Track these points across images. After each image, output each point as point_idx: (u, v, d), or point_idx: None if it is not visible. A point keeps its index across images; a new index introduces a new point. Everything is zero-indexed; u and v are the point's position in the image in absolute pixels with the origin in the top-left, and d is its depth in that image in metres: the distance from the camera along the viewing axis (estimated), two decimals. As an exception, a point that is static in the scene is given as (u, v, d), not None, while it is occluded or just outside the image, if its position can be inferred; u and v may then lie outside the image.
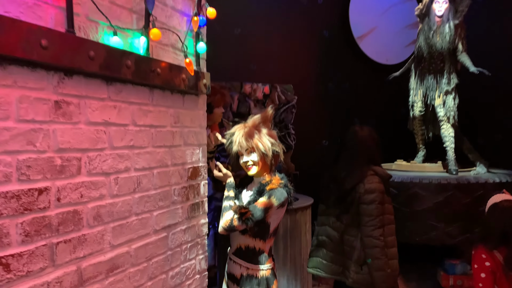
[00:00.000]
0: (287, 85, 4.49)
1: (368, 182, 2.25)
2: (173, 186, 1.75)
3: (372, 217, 2.20)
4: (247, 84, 4.27)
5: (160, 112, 1.66)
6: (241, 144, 2.02)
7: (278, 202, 1.95)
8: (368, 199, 2.22)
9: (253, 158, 2.03)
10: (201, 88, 1.84)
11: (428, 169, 4.03)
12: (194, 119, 1.90)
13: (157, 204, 1.64)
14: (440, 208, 3.59)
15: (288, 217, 3.07)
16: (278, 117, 4.47)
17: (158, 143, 1.65)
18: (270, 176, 2.07)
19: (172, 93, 1.74)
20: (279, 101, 4.48)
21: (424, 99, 4.13)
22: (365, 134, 2.41)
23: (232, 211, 1.95)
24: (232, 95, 4.22)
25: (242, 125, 2.09)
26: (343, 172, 2.34)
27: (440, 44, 3.89)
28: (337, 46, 4.87)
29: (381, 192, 2.25)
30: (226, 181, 2.14)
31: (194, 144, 1.89)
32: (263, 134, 2.05)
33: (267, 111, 2.14)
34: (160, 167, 1.66)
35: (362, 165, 2.32)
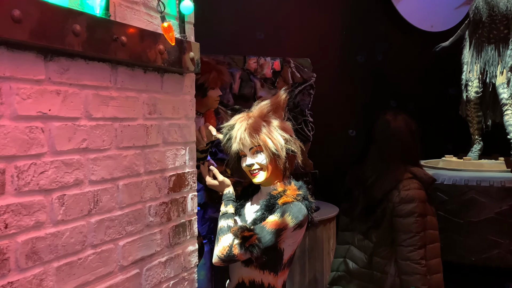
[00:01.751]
0: (303, 59, 4.25)
1: (405, 188, 2.13)
2: (148, 203, 1.52)
3: (411, 234, 2.08)
4: (251, 58, 4.03)
5: (127, 98, 1.41)
6: (244, 142, 1.79)
7: (294, 222, 1.73)
8: (405, 211, 2.09)
9: (260, 160, 1.81)
10: (187, 64, 1.60)
11: (487, 167, 3.78)
12: (178, 108, 1.66)
13: (124, 230, 1.41)
14: (504, 219, 3.37)
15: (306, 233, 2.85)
16: (292, 100, 4.22)
17: (125, 143, 1.41)
18: (284, 185, 1.84)
19: (145, 72, 1.50)
20: (293, 80, 4.24)
21: (481, 77, 3.87)
22: (400, 124, 2.26)
23: (232, 234, 1.73)
24: (232, 72, 3.98)
25: (245, 115, 1.86)
26: (372, 175, 2.23)
27: (505, 4, 3.61)
28: (368, 9, 4.60)
29: (422, 201, 2.12)
30: (223, 191, 1.91)
31: (178, 142, 1.66)
32: (273, 127, 1.82)
33: (279, 95, 1.90)
34: (129, 176, 1.42)
35: (396, 165, 2.20)
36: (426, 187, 2.21)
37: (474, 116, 4.01)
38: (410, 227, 2.10)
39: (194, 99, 1.75)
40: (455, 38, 4.03)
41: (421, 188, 2.18)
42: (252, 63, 4.06)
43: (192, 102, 1.73)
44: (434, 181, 2.27)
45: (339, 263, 2.40)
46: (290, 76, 4.24)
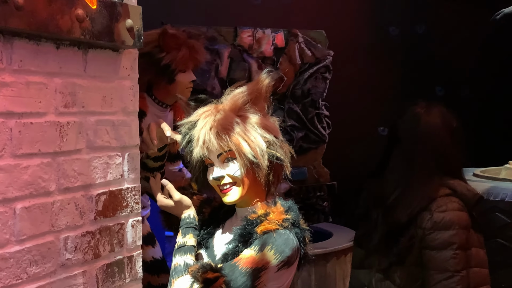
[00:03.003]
0: (316, 32, 4.10)
1: (440, 208, 1.99)
2: (64, 233, 1.39)
3: (448, 274, 1.94)
4: (245, 30, 3.89)
5: (28, 86, 1.29)
6: (209, 145, 1.66)
7: (279, 259, 1.60)
8: (440, 240, 1.96)
9: (232, 172, 1.68)
10: (122, 36, 1.47)
11: None
12: (112, 98, 1.53)
13: (24, 273, 1.29)
14: None
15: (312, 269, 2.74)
16: (300, 87, 4.07)
17: (25, 149, 1.29)
18: (266, 205, 1.71)
19: (58, 47, 1.37)
20: (302, 60, 4.09)
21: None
22: (434, 120, 2.12)
23: (190, 276, 1.61)
24: (218, 49, 3.84)
25: (213, 108, 1.72)
26: (395, 191, 2.08)
27: None
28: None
29: (464, 228, 1.98)
30: (181, 215, 1.79)
31: (112, 147, 1.53)
32: (251, 125, 1.69)
33: (260, 79, 1.77)
34: (32, 196, 1.30)
35: (428, 177, 2.05)
36: (470, 207, 2.04)
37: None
38: (447, 264, 1.95)
39: (136, 85, 1.62)
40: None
41: (463, 210, 2.00)
42: (246, 37, 3.91)
43: (133, 89, 1.60)
44: (481, 199, 2.07)
45: None
46: (297, 55, 4.09)
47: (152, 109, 2.50)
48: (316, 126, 4.14)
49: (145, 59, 2.61)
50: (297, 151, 4.18)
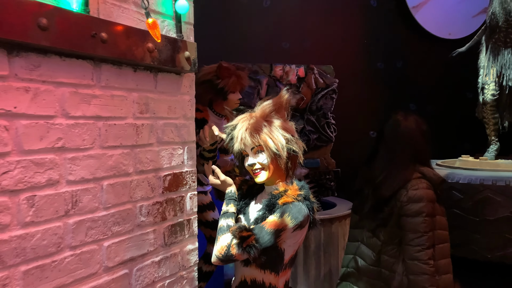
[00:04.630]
0: (326, 66, 3.91)
1: (413, 187, 1.85)
2: (139, 203, 1.28)
3: (418, 234, 1.80)
4: (277, 66, 3.74)
5: (113, 97, 1.18)
6: (245, 141, 1.53)
7: (294, 223, 1.45)
8: (413, 210, 1.82)
9: (262, 160, 1.54)
10: (182, 63, 1.35)
11: (503, 167, 3.33)
12: (175, 107, 1.42)
13: (109, 231, 1.18)
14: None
15: (321, 229, 2.55)
16: (315, 104, 3.91)
17: (110, 143, 1.18)
18: (286, 185, 1.55)
19: (135, 70, 1.26)
20: (316, 86, 3.91)
21: (498, 80, 3.40)
22: (410, 125, 1.95)
23: (230, 234, 1.46)
24: (259, 79, 3.71)
25: (248, 115, 1.58)
26: (381, 174, 1.94)
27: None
28: (388, 18, 4.20)
29: (431, 201, 1.84)
30: (225, 190, 1.65)
31: (175, 142, 1.42)
32: (275, 127, 1.55)
33: (281, 95, 1.61)
34: (115, 176, 1.19)
35: (405, 165, 1.91)
36: (435, 187, 1.88)
37: (490, 118, 3.55)
38: (418, 227, 1.79)
39: (193, 99, 1.50)
40: (471, 44, 3.58)
41: (429, 188, 1.85)
42: (278, 70, 3.77)
43: (191, 102, 1.48)
44: (443, 181, 1.92)
45: (349, 260, 2.10)
46: (313, 82, 3.91)
47: (212, 118, 2.38)
48: (326, 131, 3.95)
49: (207, 84, 2.50)
50: (313, 148, 3.96)
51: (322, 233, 2.56)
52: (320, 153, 3.94)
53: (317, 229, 2.59)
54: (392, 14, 4.21)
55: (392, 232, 1.89)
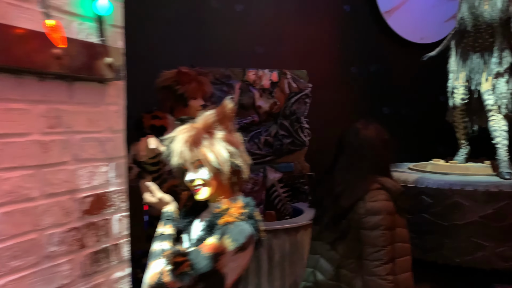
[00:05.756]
0: (300, 71, 3.73)
1: (372, 199, 1.70)
2: (48, 231, 1.07)
3: (376, 248, 1.66)
4: (250, 70, 3.55)
5: (9, 111, 0.95)
6: (184, 155, 1.31)
7: (235, 245, 1.25)
8: (371, 223, 1.67)
9: (202, 176, 1.32)
10: (103, 70, 1.13)
11: (473, 171, 3.16)
12: (98, 120, 1.20)
13: (5, 267, 0.95)
14: (488, 222, 2.78)
15: (286, 238, 2.34)
16: (288, 108, 3.72)
17: (5, 164, 0.95)
18: (229, 202, 1.34)
19: (41, 80, 1.03)
20: (290, 90, 3.73)
21: (467, 84, 3.23)
22: (370, 133, 1.81)
23: (164, 259, 1.24)
24: (232, 83, 3.50)
25: (189, 126, 1.36)
26: (340, 184, 1.80)
27: (489, 14, 2.99)
28: (361, 23, 4.03)
29: (390, 213, 1.70)
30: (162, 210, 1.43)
31: (98, 158, 1.20)
32: (217, 139, 1.33)
33: (224, 104, 1.39)
34: (12, 203, 0.97)
35: (364, 175, 1.77)
36: (395, 198, 1.74)
37: (460, 122, 3.38)
38: (376, 241, 1.65)
39: (123, 109, 1.28)
40: (442, 48, 3.41)
41: (389, 200, 1.71)
42: (251, 75, 3.58)
43: (119, 113, 1.26)
44: (403, 192, 1.79)
45: (309, 274, 1.94)
46: (287, 86, 3.73)
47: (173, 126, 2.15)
48: (299, 135, 3.77)
49: (167, 90, 2.28)
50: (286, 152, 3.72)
51: (287, 242, 2.35)
52: (294, 157, 3.75)
53: (283, 238, 2.38)
54: (365, 19, 4.04)
55: (351, 245, 1.76)
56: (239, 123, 3.53)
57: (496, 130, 3.04)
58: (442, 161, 3.48)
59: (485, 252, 2.76)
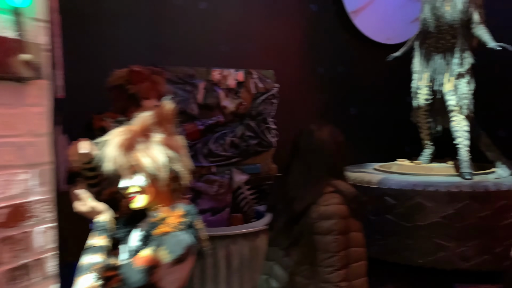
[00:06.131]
0: (266, 71, 3.67)
1: (324, 203, 1.65)
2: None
3: (329, 254, 1.60)
4: (215, 70, 3.46)
5: None
6: (117, 161, 1.20)
7: (171, 257, 1.16)
8: (324, 228, 1.61)
9: (138, 182, 1.22)
10: (18, 68, 1.03)
11: (436, 171, 3.17)
12: (16, 123, 1.10)
13: None
14: (450, 222, 2.81)
15: (245, 244, 2.27)
16: (255, 109, 3.65)
17: None
18: (168, 210, 1.25)
19: None
20: (256, 90, 3.66)
21: (431, 85, 3.23)
22: (324, 136, 1.76)
23: (94, 274, 1.14)
24: (196, 83, 3.41)
25: (124, 129, 1.27)
26: (293, 188, 1.73)
27: (451, 15, 2.98)
28: (328, 23, 4.00)
29: (343, 217, 1.64)
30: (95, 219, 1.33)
31: (16, 165, 1.09)
32: (154, 143, 1.23)
33: (163, 105, 1.30)
34: None
35: (318, 178, 1.71)
36: (349, 201, 1.68)
37: (424, 122, 3.39)
38: (329, 246, 1.60)
39: (48, 111, 1.18)
40: (406, 49, 3.41)
41: (342, 203, 1.66)
42: (216, 75, 3.50)
43: (42, 115, 1.16)
44: (357, 196, 1.73)
45: (263, 281, 1.86)
46: (253, 86, 3.66)
47: None
48: (266, 136, 3.71)
49: (118, 90, 2.16)
50: (253, 153, 3.65)
51: (246, 248, 2.28)
52: (260, 158, 3.68)
53: (241, 244, 2.31)
54: (332, 19, 4.01)
55: (304, 251, 1.69)
56: (203, 124, 3.45)
57: (458, 130, 3.05)
58: (407, 161, 3.48)
59: (446, 252, 2.76)
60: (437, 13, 3.02)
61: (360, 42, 4.08)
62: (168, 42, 3.33)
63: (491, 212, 2.71)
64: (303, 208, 1.67)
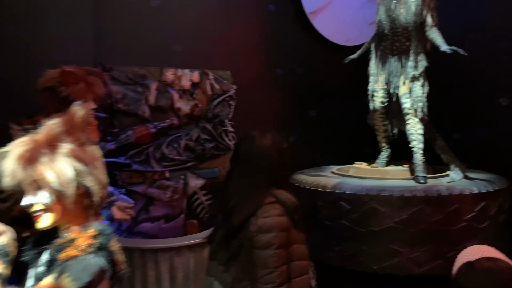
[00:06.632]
0: (223, 72, 3.54)
1: (264, 214, 1.55)
2: None
3: (268, 270, 1.51)
4: (169, 70, 3.32)
5: None
6: (16, 175, 1.05)
7: (76, 285, 1.01)
8: (263, 242, 1.52)
9: (43, 200, 1.07)
10: None
11: (392, 174, 3.13)
12: None
13: None
14: (403, 227, 2.76)
15: (190, 255, 2.13)
16: (211, 111, 3.52)
17: None
18: (78, 230, 1.10)
19: None
20: (212, 92, 3.52)
21: (386, 87, 3.19)
22: (266, 142, 1.67)
23: None
24: (148, 84, 3.25)
25: (27, 139, 1.11)
26: (233, 198, 1.63)
27: (405, 17, 2.95)
28: (287, 23, 3.92)
29: (284, 230, 1.55)
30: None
31: None
32: (61, 155, 1.08)
33: (72, 112, 1.15)
34: None
35: (258, 187, 1.61)
36: (290, 212, 1.58)
37: (380, 125, 3.35)
38: (268, 261, 1.50)
39: None
40: (362, 51, 3.36)
41: (283, 214, 1.56)
42: (169, 75, 3.35)
43: None
44: (298, 206, 1.63)
45: None
46: (209, 88, 3.52)
47: None
48: (223, 139, 3.58)
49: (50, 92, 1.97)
50: (210, 157, 3.50)
51: (192, 259, 2.15)
52: (218, 162, 3.55)
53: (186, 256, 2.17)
54: (290, 19, 3.92)
55: (243, 267, 1.59)
56: (156, 127, 3.29)
57: (413, 133, 3.03)
58: (364, 164, 3.43)
59: (400, 258, 2.71)
60: (392, 15, 2.98)
61: (319, 44, 4.01)
62: (116, 41, 3.14)
63: (444, 216, 2.69)
64: (242, 221, 1.56)
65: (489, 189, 2.79)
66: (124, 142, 3.16)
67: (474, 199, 2.72)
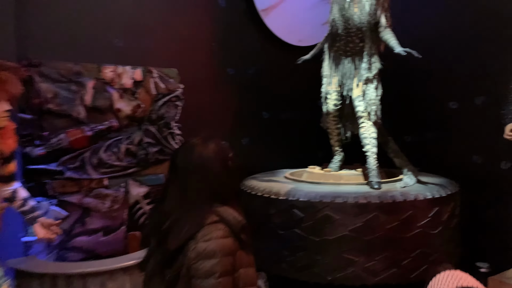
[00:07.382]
0: (169, 70, 3.28)
1: (204, 238, 1.32)
2: None
3: None
4: (107, 66, 3.00)
5: None
6: None
7: None
8: (203, 270, 1.30)
9: None
10: None
11: (345, 179, 3.01)
12: None
13: None
14: (358, 235, 2.64)
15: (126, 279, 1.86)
16: (156, 112, 3.24)
17: None
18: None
19: None
20: (157, 91, 3.24)
21: (340, 90, 3.07)
22: (208, 152, 1.44)
23: None
24: (83, 82, 2.92)
25: None
26: (169, 218, 1.38)
27: (359, 17, 2.84)
28: (237, 20, 3.70)
29: (228, 254, 1.33)
30: None
31: None
32: None
33: None
34: None
35: (199, 204, 1.38)
36: (236, 232, 1.37)
37: (333, 128, 3.23)
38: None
39: None
40: (315, 51, 3.23)
41: (228, 236, 1.35)
42: (108, 72, 3.02)
43: None
44: (244, 226, 1.41)
45: None
46: (153, 87, 3.23)
47: None
48: (169, 143, 3.32)
49: None
50: (154, 162, 3.18)
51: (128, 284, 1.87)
52: (163, 168, 3.26)
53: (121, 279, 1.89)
54: (241, 17, 3.71)
55: None
56: (92, 129, 2.95)
57: (366, 137, 2.92)
58: (317, 168, 3.30)
59: (355, 267, 2.59)
60: (346, 14, 2.86)
61: (272, 43, 3.83)
62: (46, 33, 2.76)
63: (398, 223, 2.59)
64: (179, 245, 1.32)
65: (442, 194, 2.73)
66: (55, 147, 2.80)
67: (428, 204, 2.66)
